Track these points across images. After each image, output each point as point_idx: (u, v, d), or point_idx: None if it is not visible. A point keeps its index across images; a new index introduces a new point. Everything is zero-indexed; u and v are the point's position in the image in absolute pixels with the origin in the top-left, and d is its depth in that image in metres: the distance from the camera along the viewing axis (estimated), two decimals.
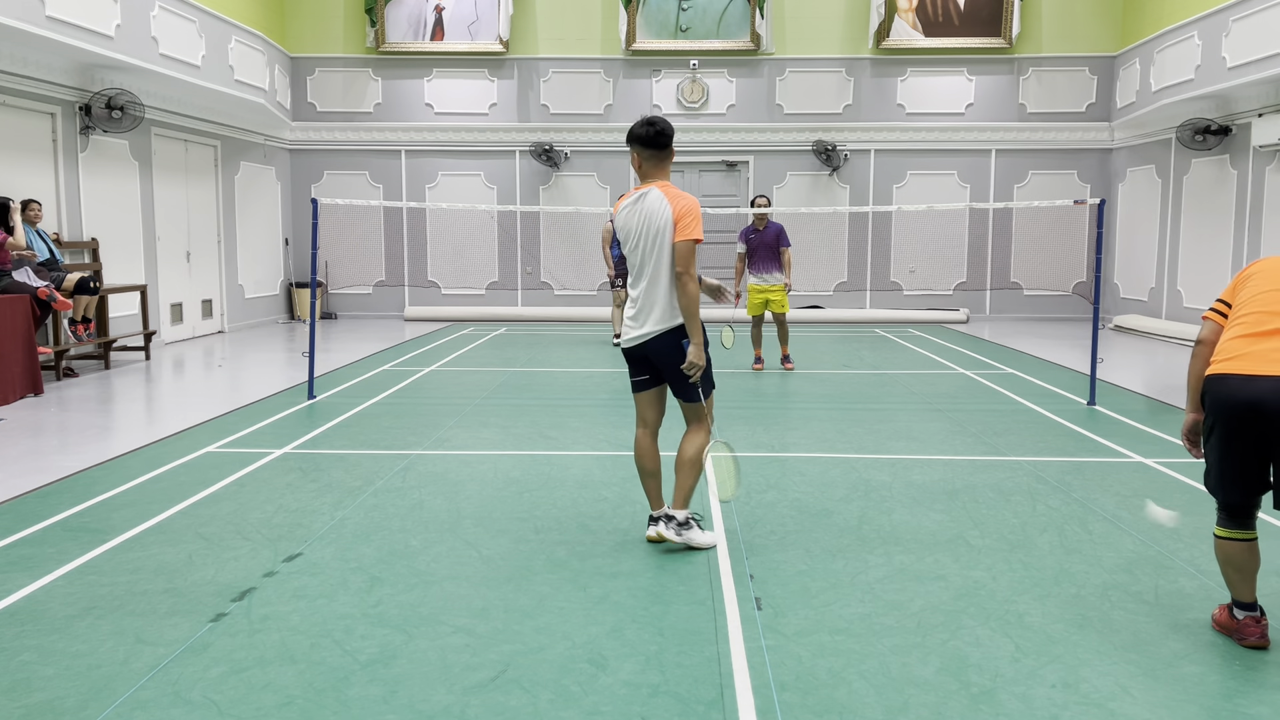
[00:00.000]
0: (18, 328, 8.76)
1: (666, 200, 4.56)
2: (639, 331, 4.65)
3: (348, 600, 4.06)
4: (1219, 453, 3.63)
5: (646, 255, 4.60)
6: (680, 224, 4.53)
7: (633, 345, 4.70)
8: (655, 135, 4.65)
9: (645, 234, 4.58)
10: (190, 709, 3.14)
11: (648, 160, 4.68)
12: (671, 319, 4.59)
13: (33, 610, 3.94)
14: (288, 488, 5.84)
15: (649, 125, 4.67)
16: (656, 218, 4.56)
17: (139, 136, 12.61)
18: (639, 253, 4.63)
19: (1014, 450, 6.91)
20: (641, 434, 4.84)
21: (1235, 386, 3.50)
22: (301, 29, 16.94)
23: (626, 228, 4.66)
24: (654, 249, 4.57)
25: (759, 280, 10.67)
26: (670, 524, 4.73)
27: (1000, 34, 16.66)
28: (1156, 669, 3.45)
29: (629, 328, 4.71)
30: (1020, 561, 4.57)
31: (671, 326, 4.59)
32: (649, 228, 4.57)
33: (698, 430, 4.74)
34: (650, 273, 4.59)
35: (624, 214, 4.68)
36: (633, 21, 16.68)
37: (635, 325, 4.67)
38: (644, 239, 4.59)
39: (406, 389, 9.59)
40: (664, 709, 3.15)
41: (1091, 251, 16.42)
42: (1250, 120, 12.85)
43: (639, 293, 4.65)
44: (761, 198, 10.94)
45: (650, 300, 4.61)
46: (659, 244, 4.56)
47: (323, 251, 16.73)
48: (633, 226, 4.63)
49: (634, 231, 4.63)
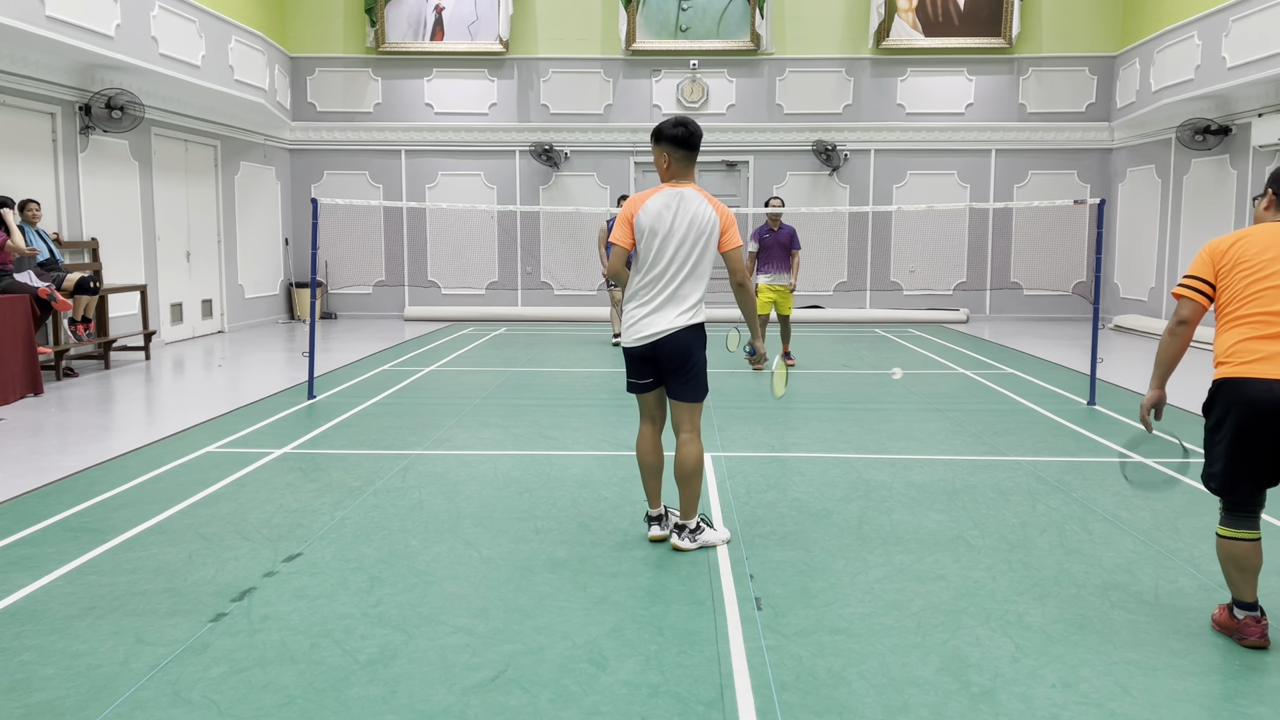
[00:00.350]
0: (18, 328, 8.76)
1: (710, 205, 4.61)
2: (657, 329, 4.57)
3: (348, 600, 4.06)
4: (1233, 452, 3.60)
5: (686, 255, 4.55)
6: (728, 232, 4.62)
7: (647, 343, 4.60)
8: (688, 136, 4.68)
9: (688, 234, 4.55)
10: (190, 709, 3.14)
11: (679, 161, 4.68)
12: (694, 316, 4.59)
13: (33, 610, 3.94)
14: (288, 488, 5.84)
15: (682, 125, 4.69)
16: (702, 220, 4.57)
17: (139, 136, 12.61)
18: (675, 251, 4.55)
19: (1014, 450, 6.91)
20: (648, 430, 4.81)
21: (1260, 390, 3.49)
22: (301, 29, 16.94)
23: (658, 225, 4.57)
24: (695, 249, 4.55)
25: (770, 280, 10.72)
26: (684, 534, 4.74)
27: (1000, 34, 16.67)
28: (1156, 669, 3.45)
29: (642, 326, 4.60)
30: (1020, 561, 4.57)
31: (693, 324, 4.59)
32: (692, 228, 4.56)
33: (693, 436, 4.71)
34: (687, 271, 4.56)
35: (656, 210, 4.59)
36: (633, 21, 16.68)
37: (651, 323, 4.58)
38: (686, 239, 4.55)
39: (406, 389, 9.59)
40: (664, 709, 3.15)
41: (1091, 251, 16.42)
42: (1250, 120, 12.85)
43: (662, 290, 4.57)
44: (776, 199, 10.96)
45: (678, 297, 4.56)
46: (701, 245, 4.56)
47: (323, 251, 16.73)
48: (670, 225, 4.56)
49: (671, 229, 4.56)
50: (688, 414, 4.70)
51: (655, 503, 4.86)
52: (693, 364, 4.61)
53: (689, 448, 4.69)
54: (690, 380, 4.64)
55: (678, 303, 4.57)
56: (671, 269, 4.56)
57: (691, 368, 4.62)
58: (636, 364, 4.71)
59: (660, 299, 4.58)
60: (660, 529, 4.84)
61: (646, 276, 4.62)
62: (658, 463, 4.80)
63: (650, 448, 4.80)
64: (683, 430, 4.71)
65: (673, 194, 4.62)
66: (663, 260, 4.57)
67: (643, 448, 4.81)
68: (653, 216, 4.59)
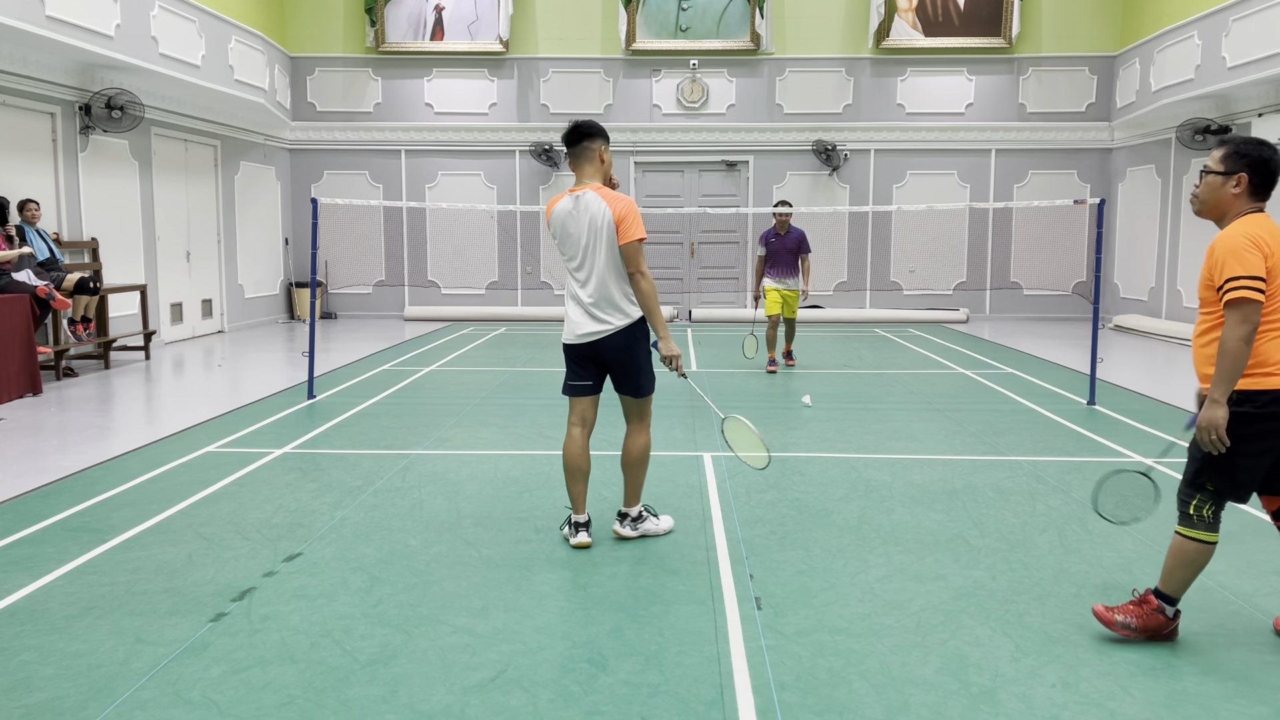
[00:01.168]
0: (17, 328, 8.76)
1: (604, 201, 4.59)
2: (592, 329, 4.62)
3: (348, 600, 4.06)
4: (1256, 462, 3.46)
5: (593, 253, 4.60)
6: (623, 224, 4.55)
7: (586, 342, 4.65)
8: (569, 132, 4.68)
9: (588, 232, 4.60)
10: (190, 709, 3.14)
11: (574, 160, 4.72)
12: (627, 314, 4.61)
13: (33, 610, 3.94)
14: (288, 488, 5.84)
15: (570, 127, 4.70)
16: (597, 217, 4.58)
17: (139, 136, 12.61)
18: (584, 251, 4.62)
19: (1014, 450, 6.91)
20: (578, 434, 4.76)
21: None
22: (301, 29, 16.94)
23: (568, 227, 4.66)
24: (600, 247, 4.58)
25: (778, 284, 10.74)
26: (626, 521, 4.85)
27: (1000, 34, 16.67)
28: (1156, 669, 3.45)
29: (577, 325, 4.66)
30: (1020, 561, 4.57)
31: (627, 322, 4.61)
32: (591, 227, 4.59)
33: (642, 428, 4.77)
34: (600, 270, 4.59)
35: (561, 215, 4.68)
36: (633, 21, 16.68)
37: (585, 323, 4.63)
38: (588, 237, 4.61)
39: (406, 389, 9.59)
40: (664, 709, 3.15)
41: (1091, 251, 16.42)
42: (1250, 120, 12.85)
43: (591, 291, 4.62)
44: (784, 204, 10.91)
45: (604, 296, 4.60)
46: (605, 242, 4.57)
47: (323, 251, 16.73)
48: (576, 226, 4.63)
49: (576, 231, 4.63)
50: (636, 409, 4.76)
51: (581, 508, 4.79)
52: (634, 360, 4.65)
53: (637, 438, 4.76)
54: (634, 376, 4.67)
55: (600, 302, 4.60)
56: (585, 269, 4.62)
57: (633, 364, 4.65)
58: (577, 362, 4.73)
59: (585, 299, 4.63)
60: (587, 535, 4.75)
61: (571, 277, 4.71)
62: (586, 466, 4.77)
63: (579, 451, 4.74)
64: (631, 422, 4.79)
65: (570, 198, 4.68)
66: (574, 261, 4.65)
67: (572, 451, 4.75)
68: (559, 221, 4.69)
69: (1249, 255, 3.34)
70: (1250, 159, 3.49)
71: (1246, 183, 3.50)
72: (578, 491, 4.78)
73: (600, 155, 4.70)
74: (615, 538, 4.85)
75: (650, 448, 4.81)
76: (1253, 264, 3.33)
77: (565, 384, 4.79)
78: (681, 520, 5.18)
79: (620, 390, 4.74)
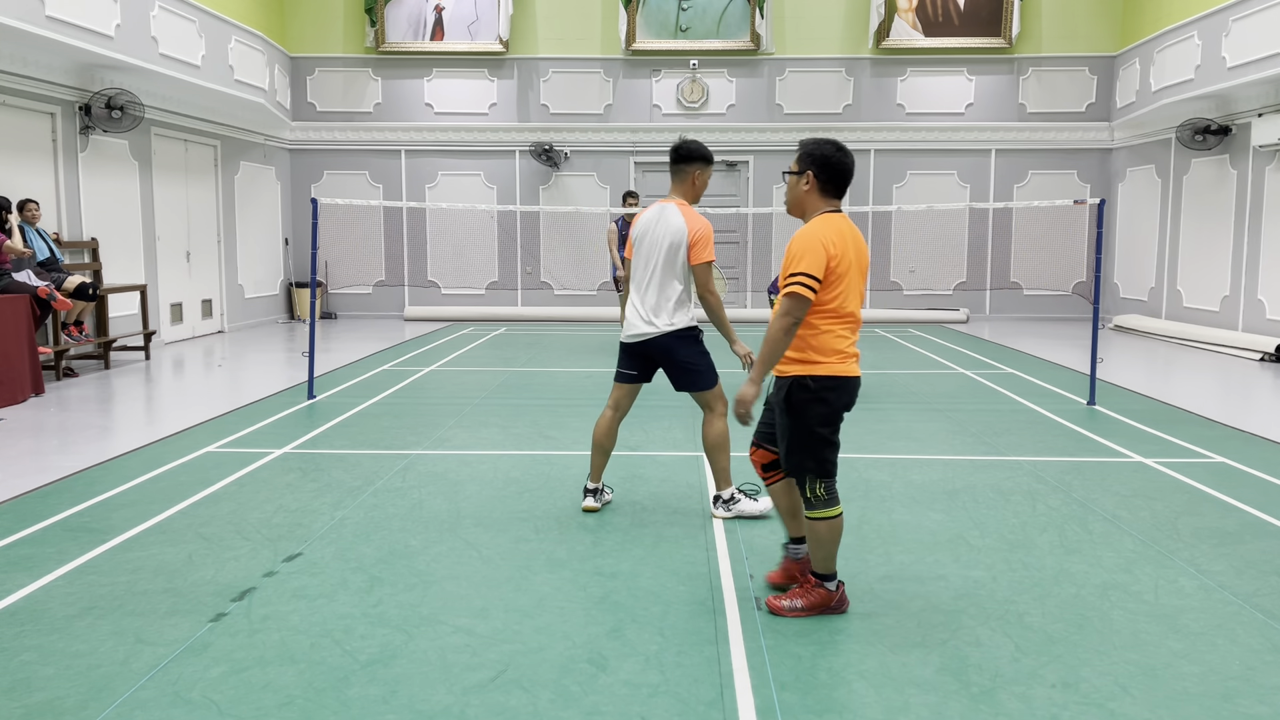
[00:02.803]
0: (18, 328, 8.76)
1: (682, 216, 5.03)
2: (638, 331, 5.09)
3: (348, 600, 4.06)
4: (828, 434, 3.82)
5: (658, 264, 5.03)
6: (695, 247, 5.00)
7: (635, 341, 5.11)
8: (672, 153, 5.12)
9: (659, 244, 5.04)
10: (190, 709, 3.14)
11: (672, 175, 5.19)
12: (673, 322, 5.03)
13: (33, 610, 3.94)
14: (288, 488, 5.84)
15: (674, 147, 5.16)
16: (674, 231, 5.01)
17: (139, 136, 12.61)
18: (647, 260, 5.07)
19: (1014, 450, 6.91)
20: (611, 415, 5.26)
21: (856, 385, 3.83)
22: (301, 29, 16.94)
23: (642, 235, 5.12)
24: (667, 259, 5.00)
25: None
26: (719, 504, 5.18)
27: (1000, 34, 16.66)
28: (1156, 669, 3.45)
29: (629, 326, 5.13)
30: (1020, 561, 4.57)
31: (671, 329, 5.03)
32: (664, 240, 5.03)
33: (713, 416, 5.11)
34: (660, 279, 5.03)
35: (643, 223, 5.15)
36: (633, 21, 16.68)
37: (634, 325, 5.10)
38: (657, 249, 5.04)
39: (406, 389, 9.59)
40: (664, 709, 3.15)
41: (1091, 251, 16.42)
42: (1250, 120, 12.85)
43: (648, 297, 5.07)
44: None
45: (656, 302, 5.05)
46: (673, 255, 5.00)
47: (323, 251, 16.74)
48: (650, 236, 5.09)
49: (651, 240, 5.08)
50: (700, 400, 5.14)
51: (595, 477, 5.32)
52: (678, 362, 5.07)
53: (709, 425, 5.12)
54: (684, 374, 5.10)
55: (655, 308, 5.03)
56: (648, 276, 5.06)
57: (679, 363, 5.07)
58: (627, 355, 5.21)
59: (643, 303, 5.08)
60: (593, 501, 5.30)
61: (634, 281, 5.17)
62: (607, 445, 5.27)
63: (607, 431, 5.26)
64: (703, 412, 5.17)
65: (657, 209, 5.13)
66: (642, 267, 5.10)
67: (600, 427, 5.27)
68: (641, 229, 5.14)
69: (815, 255, 3.67)
70: (814, 158, 3.78)
71: (814, 180, 3.81)
72: (596, 462, 5.31)
73: (694, 178, 5.10)
74: (711, 517, 5.15)
75: (725, 435, 5.10)
76: (815, 264, 3.65)
77: (616, 371, 5.31)
78: (681, 520, 5.18)
79: (677, 388, 5.17)
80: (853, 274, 3.74)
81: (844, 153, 3.79)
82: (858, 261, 3.77)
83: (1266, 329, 12.60)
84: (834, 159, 3.77)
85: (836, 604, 3.91)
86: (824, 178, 3.79)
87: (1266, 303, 12.71)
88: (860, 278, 3.79)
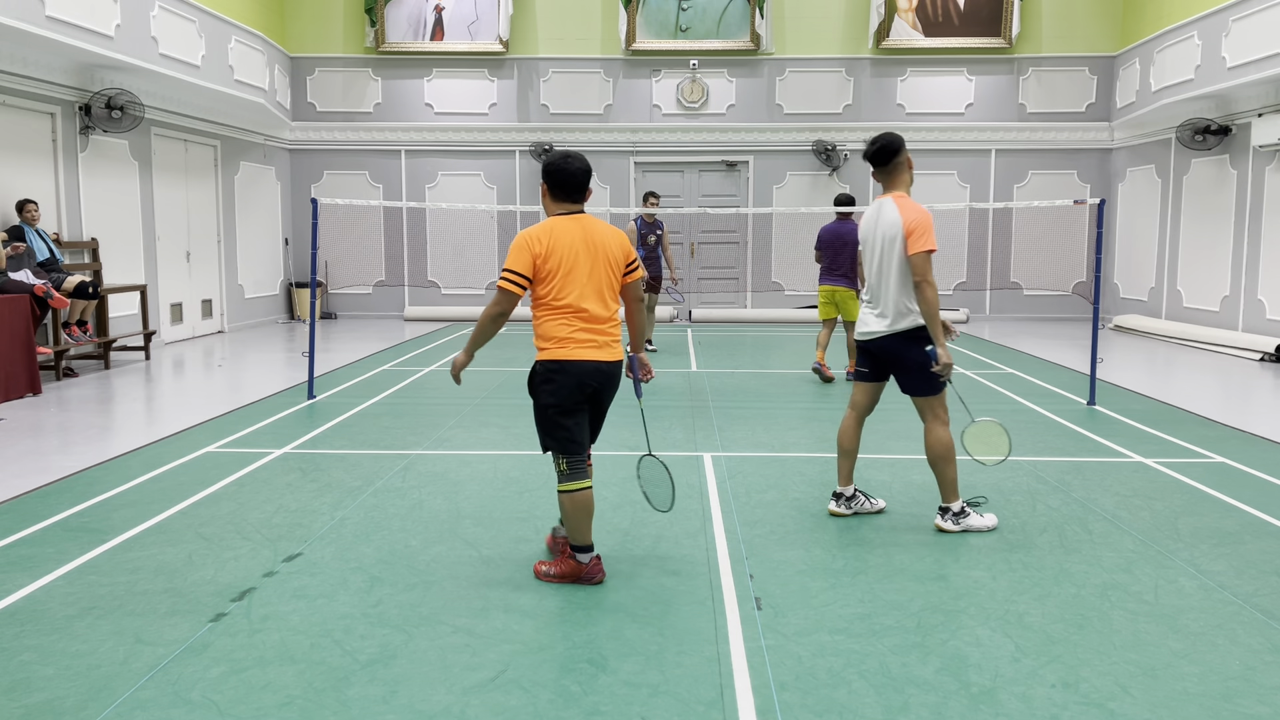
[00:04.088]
0: (17, 327, 8.76)
1: (898, 211, 4.90)
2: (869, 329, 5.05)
3: (348, 600, 4.06)
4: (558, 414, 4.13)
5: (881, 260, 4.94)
6: (912, 236, 4.84)
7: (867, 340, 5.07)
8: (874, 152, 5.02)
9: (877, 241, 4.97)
10: (190, 709, 3.14)
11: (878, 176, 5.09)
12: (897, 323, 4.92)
13: (33, 610, 3.94)
14: (288, 488, 5.84)
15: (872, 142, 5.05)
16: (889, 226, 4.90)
17: (139, 136, 12.61)
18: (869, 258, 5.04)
19: (1014, 450, 6.89)
20: (850, 416, 5.25)
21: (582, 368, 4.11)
22: (301, 29, 16.94)
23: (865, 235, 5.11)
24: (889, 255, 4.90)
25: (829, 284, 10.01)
26: (948, 516, 5.01)
27: (1000, 34, 16.67)
28: (1156, 669, 3.45)
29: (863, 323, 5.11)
30: (1020, 561, 4.57)
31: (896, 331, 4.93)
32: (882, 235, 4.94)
33: (933, 424, 4.99)
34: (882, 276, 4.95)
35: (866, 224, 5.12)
36: (633, 21, 16.68)
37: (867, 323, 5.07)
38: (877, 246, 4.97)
39: (406, 389, 9.59)
40: (664, 709, 3.15)
41: (1091, 251, 16.42)
42: (1250, 120, 12.85)
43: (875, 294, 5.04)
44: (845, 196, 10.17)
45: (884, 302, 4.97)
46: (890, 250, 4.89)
47: (323, 251, 16.73)
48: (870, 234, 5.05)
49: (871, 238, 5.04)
50: (920, 405, 5.04)
51: (842, 481, 5.28)
52: (906, 364, 4.95)
53: (932, 435, 5.00)
54: (909, 378, 4.98)
55: (883, 307, 4.97)
56: (872, 275, 5.03)
57: (906, 368, 4.96)
58: (862, 355, 5.20)
59: (872, 303, 5.07)
60: (837, 506, 5.26)
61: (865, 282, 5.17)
62: (851, 447, 5.24)
63: (847, 432, 5.24)
64: (924, 419, 5.04)
65: (874, 206, 5.07)
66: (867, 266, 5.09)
67: (841, 431, 5.28)
68: (864, 228, 5.11)
69: (518, 254, 4.10)
70: (544, 168, 4.23)
71: (545, 188, 4.26)
72: (841, 466, 5.28)
73: (907, 164, 5.03)
74: (936, 530, 5.01)
75: (950, 445, 4.96)
76: (516, 262, 4.10)
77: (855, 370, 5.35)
78: (681, 520, 5.18)
79: (903, 390, 5.08)
80: (575, 270, 4.09)
81: (567, 160, 4.21)
82: (588, 257, 4.11)
83: (1266, 329, 12.60)
84: (554, 166, 4.20)
85: (587, 575, 4.22)
86: (551, 184, 4.21)
87: (1266, 303, 12.71)
88: (589, 273, 4.13)
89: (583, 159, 4.27)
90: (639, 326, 4.47)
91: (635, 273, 4.36)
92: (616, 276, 4.23)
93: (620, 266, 4.25)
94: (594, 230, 4.18)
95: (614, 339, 4.21)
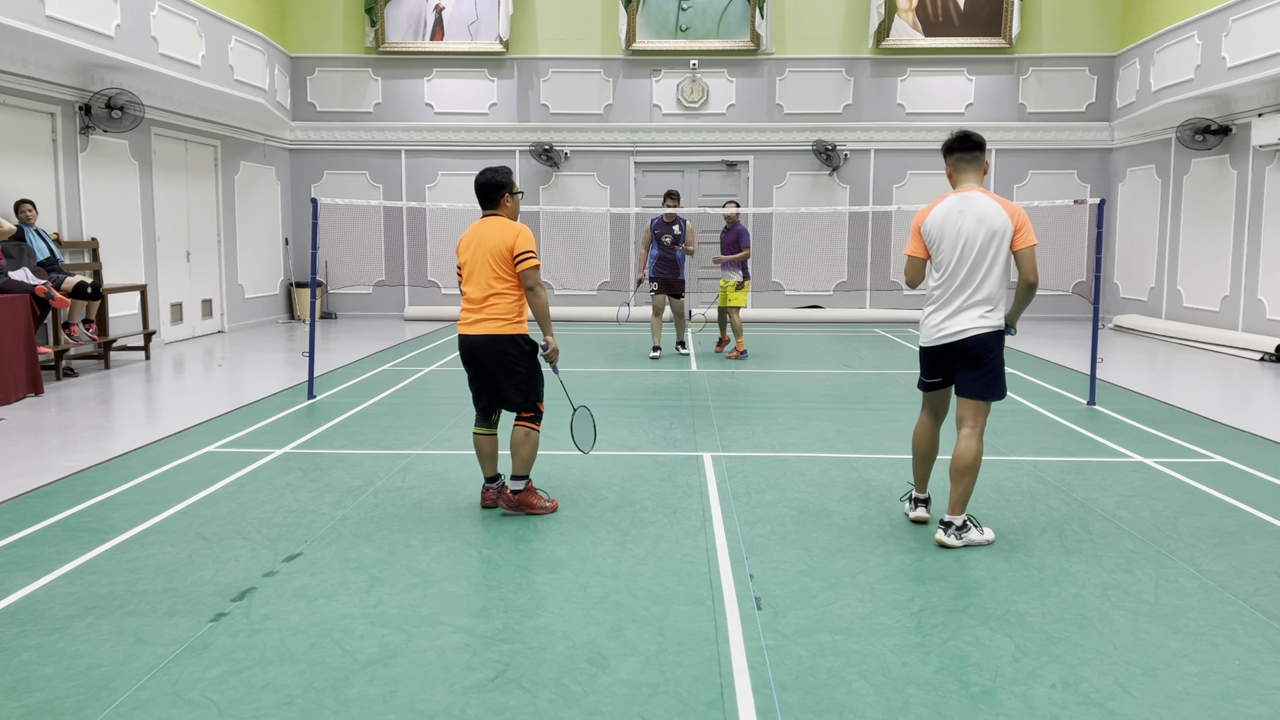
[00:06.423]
0: (18, 327, 8.76)
1: (999, 204, 4.71)
2: (956, 329, 4.75)
3: (348, 600, 4.06)
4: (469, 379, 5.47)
5: (979, 255, 4.69)
6: (1020, 231, 4.69)
7: (945, 343, 4.80)
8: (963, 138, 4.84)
9: (976, 234, 4.69)
10: (190, 709, 3.14)
11: (959, 166, 4.86)
12: (993, 318, 4.73)
13: (33, 610, 3.94)
14: (288, 488, 5.84)
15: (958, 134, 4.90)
16: (992, 219, 4.68)
17: (139, 136, 12.61)
18: (961, 253, 4.71)
19: (1014, 450, 6.91)
20: (927, 420, 5.12)
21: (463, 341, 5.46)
22: (301, 29, 16.94)
23: (945, 229, 4.76)
24: (989, 250, 4.68)
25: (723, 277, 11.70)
26: (949, 530, 4.81)
27: (1000, 34, 16.66)
28: (1156, 669, 3.45)
29: (941, 328, 4.79)
30: (1020, 561, 4.57)
31: (993, 326, 4.72)
32: (981, 227, 4.69)
33: (976, 434, 4.80)
34: (983, 272, 4.71)
35: (942, 217, 4.78)
36: (633, 21, 16.67)
37: (950, 324, 4.77)
38: (975, 239, 4.69)
39: (406, 389, 9.59)
40: (664, 709, 3.15)
41: (1091, 251, 16.42)
42: (1250, 120, 12.85)
43: (959, 293, 4.73)
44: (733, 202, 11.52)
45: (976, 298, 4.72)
46: (995, 245, 4.68)
47: (323, 251, 16.73)
48: (959, 227, 4.72)
49: (960, 231, 4.71)
50: (973, 411, 4.82)
51: (920, 487, 5.20)
52: (988, 363, 4.75)
53: (967, 443, 4.79)
54: (982, 378, 4.77)
55: (977, 304, 4.72)
56: (964, 271, 4.72)
57: (988, 367, 4.76)
58: (931, 363, 4.96)
59: (958, 301, 4.74)
60: (922, 510, 5.18)
61: (941, 280, 4.82)
62: (927, 451, 5.13)
63: (925, 438, 5.12)
64: (964, 425, 4.83)
65: (957, 199, 4.79)
66: (950, 263, 4.75)
67: (918, 434, 5.15)
68: (939, 223, 4.78)
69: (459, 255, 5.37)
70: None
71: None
72: (918, 470, 5.17)
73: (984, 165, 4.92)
74: (938, 545, 4.79)
75: (980, 457, 4.76)
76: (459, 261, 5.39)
77: (919, 380, 5.13)
78: (681, 520, 5.18)
79: (962, 392, 4.85)
80: (472, 264, 5.22)
81: (481, 174, 5.25)
82: (477, 252, 5.18)
83: (1266, 329, 12.60)
84: (478, 178, 5.25)
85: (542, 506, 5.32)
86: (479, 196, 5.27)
87: (1266, 303, 12.70)
88: (478, 264, 5.18)
89: (486, 172, 5.22)
90: (537, 310, 5.22)
91: (523, 263, 5.09)
92: (498, 266, 5.11)
93: (501, 258, 5.10)
94: (485, 229, 5.17)
95: (485, 317, 5.20)
